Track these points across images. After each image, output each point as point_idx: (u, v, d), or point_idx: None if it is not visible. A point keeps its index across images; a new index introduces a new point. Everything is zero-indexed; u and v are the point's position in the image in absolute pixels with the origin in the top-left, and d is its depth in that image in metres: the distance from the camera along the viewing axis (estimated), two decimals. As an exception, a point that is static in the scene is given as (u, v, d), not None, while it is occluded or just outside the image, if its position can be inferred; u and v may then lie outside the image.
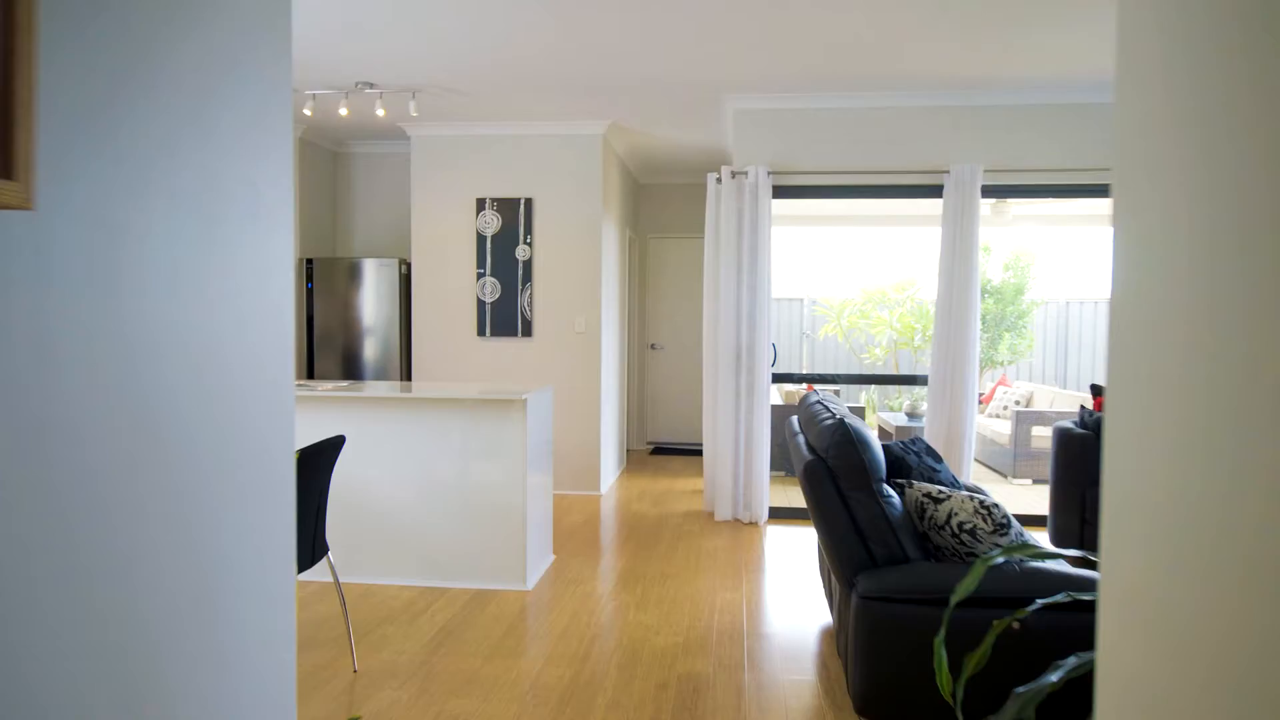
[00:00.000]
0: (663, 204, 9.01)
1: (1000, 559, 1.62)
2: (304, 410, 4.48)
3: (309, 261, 6.96)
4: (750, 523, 5.85)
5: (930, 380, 5.76)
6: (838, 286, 12.03)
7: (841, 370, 12.19)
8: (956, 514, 2.80)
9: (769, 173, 5.78)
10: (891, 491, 2.91)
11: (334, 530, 4.43)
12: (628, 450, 8.78)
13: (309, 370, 7.01)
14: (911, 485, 3.00)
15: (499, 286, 6.73)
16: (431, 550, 4.42)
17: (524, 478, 4.35)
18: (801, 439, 3.35)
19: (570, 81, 5.46)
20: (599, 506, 6.35)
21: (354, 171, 7.61)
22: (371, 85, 5.54)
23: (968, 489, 3.95)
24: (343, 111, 5.65)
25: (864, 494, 2.81)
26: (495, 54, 4.91)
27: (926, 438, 5.77)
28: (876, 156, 5.80)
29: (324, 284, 6.94)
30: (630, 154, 7.69)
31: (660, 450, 8.95)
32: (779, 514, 6.02)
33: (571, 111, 6.23)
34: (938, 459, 3.84)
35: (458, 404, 4.38)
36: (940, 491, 2.89)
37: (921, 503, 2.91)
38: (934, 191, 5.80)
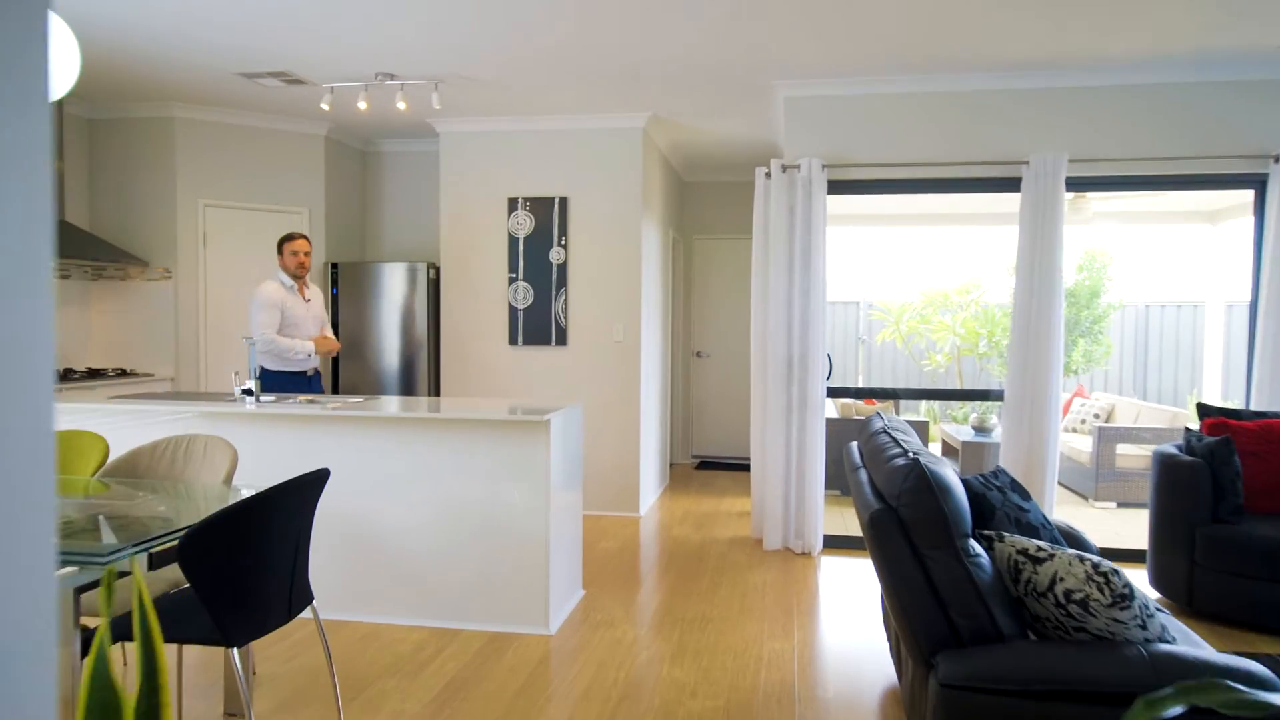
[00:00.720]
0: (709, 202, 8.49)
1: (1177, 709, 1.09)
2: (303, 430, 4.06)
3: (333, 266, 6.60)
4: (803, 553, 5.30)
5: (1006, 396, 5.14)
6: (896, 289, 11.39)
7: (900, 377, 11.54)
8: (1063, 579, 2.24)
9: (823, 166, 5.23)
10: (979, 549, 2.36)
11: (337, 563, 4.02)
12: (671, 465, 8.27)
13: (334, 383, 6.64)
14: (1002, 539, 2.45)
15: (532, 292, 6.29)
16: (444, 587, 3.97)
17: (548, 508, 3.87)
18: (864, 477, 2.81)
19: (604, 69, 4.98)
20: (637, 530, 5.86)
21: (383, 171, 7.24)
22: (392, 76, 5.14)
23: (1062, 532, 3.37)
24: (361, 105, 5.25)
25: (946, 553, 2.27)
26: (520, 40, 4.46)
27: (1002, 461, 5.16)
28: (944, 147, 5.21)
29: (349, 289, 6.58)
30: (673, 149, 7.20)
31: (706, 465, 8.43)
32: (835, 543, 5.45)
33: (608, 103, 5.76)
34: (1025, 496, 3.26)
35: (472, 425, 3.93)
36: (1040, 549, 2.33)
37: (1016, 562, 2.35)
38: (1010, 185, 5.19)
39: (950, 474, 2.41)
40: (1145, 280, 10.64)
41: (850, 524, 5.94)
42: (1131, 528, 6.08)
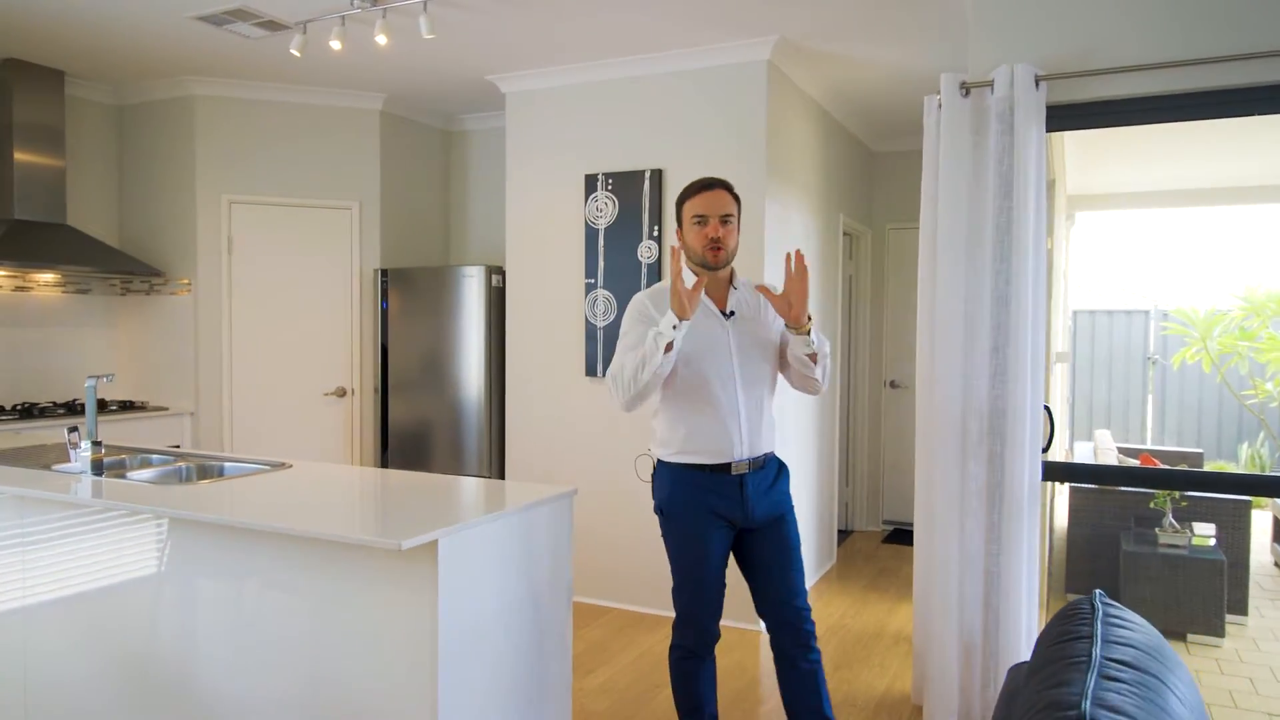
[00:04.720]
0: (907, 180, 6.24)
1: None
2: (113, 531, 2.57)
3: (383, 273, 5.24)
4: (994, 753, 3.06)
5: None
6: (1203, 293, 8.33)
7: (1207, 412, 8.54)
8: None
9: (1037, 79, 2.99)
10: None
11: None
12: (847, 533, 6.12)
13: (383, 429, 5.25)
14: None
15: (614, 304, 4.52)
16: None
17: (433, 701, 2.09)
18: None
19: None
20: (752, 658, 3.87)
21: (468, 154, 5.82)
22: (374, 1, 3.63)
23: None
24: (335, 45, 3.78)
25: None
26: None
27: None
28: (1272, 28, 2.78)
29: (406, 303, 5.17)
30: (836, 98, 5.10)
31: (900, 534, 6.17)
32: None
33: (708, 23, 3.87)
34: None
35: (312, 546, 2.24)
36: None
37: None
38: None
39: None
40: None
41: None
42: None
